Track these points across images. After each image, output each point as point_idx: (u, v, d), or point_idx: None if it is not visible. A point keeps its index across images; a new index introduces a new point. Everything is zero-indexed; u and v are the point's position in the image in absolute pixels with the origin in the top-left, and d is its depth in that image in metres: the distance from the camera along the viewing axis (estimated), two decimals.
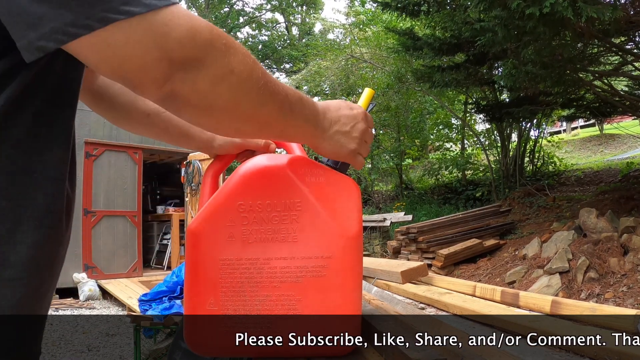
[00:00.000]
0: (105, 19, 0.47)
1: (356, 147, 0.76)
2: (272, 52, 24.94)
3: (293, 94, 0.66)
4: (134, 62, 0.50)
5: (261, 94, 0.59)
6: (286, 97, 0.64)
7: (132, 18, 0.48)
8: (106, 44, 0.48)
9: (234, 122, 0.62)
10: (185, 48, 0.51)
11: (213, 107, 0.57)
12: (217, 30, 0.54)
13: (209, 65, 0.53)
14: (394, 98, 11.48)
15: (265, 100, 0.60)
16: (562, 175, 10.96)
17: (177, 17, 0.50)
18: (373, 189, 13.23)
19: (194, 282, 0.77)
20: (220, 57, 0.54)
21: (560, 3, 4.08)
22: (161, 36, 0.49)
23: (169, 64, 0.50)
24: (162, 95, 0.54)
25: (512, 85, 6.13)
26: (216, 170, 0.88)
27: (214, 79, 0.54)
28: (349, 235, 0.77)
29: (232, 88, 0.56)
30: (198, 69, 0.52)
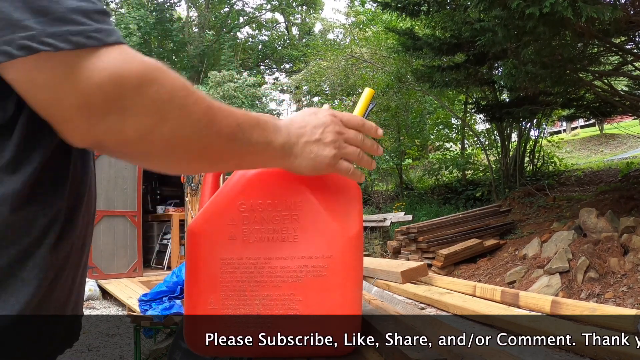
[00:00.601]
0: (26, 47, 0.44)
1: (336, 153, 0.69)
2: (272, 52, 24.94)
3: (247, 121, 0.60)
4: (54, 107, 0.46)
5: (203, 134, 0.55)
6: (238, 127, 0.59)
7: (55, 53, 0.44)
8: (27, 79, 0.45)
9: (177, 165, 0.58)
10: (107, 94, 0.46)
11: (148, 155, 0.53)
12: (154, 73, 0.49)
13: (136, 114, 0.48)
14: (394, 98, 11.49)
15: (210, 139, 0.56)
16: (562, 175, 10.96)
17: (102, 60, 0.46)
18: (373, 189, 13.23)
19: (194, 282, 0.77)
20: (149, 104, 0.49)
21: (560, 3, 4.08)
22: (81, 80, 0.45)
23: (89, 112, 0.47)
24: (88, 145, 0.50)
25: (512, 85, 6.13)
26: None
27: (142, 129, 0.49)
28: (349, 235, 0.77)
29: (165, 136, 0.51)
30: (123, 118, 0.48)
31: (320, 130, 0.69)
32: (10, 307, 0.50)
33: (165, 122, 0.50)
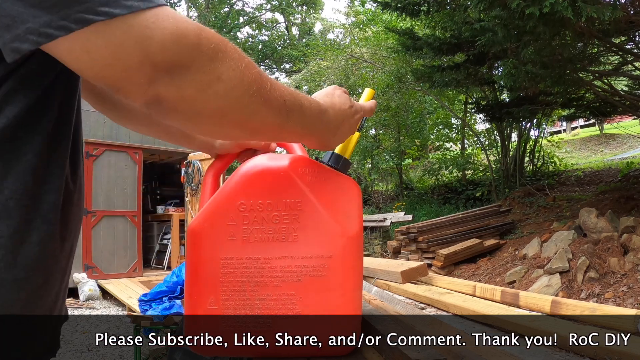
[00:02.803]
0: (83, 20, 0.45)
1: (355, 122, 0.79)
2: (272, 52, 24.94)
3: (292, 100, 0.62)
4: (115, 67, 0.47)
5: (253, 101, 0.56)
6: (283, 104, 0.61)
7: (112, 20, 0.45)
8: (85, 47, 0.46)
9: (223, 128, 0.59)
10: (169, 52, 0.48)
11: (200, 113, 0.54)
12: (207, 34, 0.51)
13: (195, 71, 0.50)
14: (394, 98, 11.49)
15: (257, 108, 0.57)
16: (562, 175, 10.96)
17: (161, 19, 0.48)
18: (373, 189, 13.23)
19: (194, 282, 0.77)
20: (207, 62, 0.51)
21: (560, 3, 4.08)
22: (143, 40, 0.47)
23: (152, 68, 0.48)
24: (147, 101, 0.51)
25: (512, 85, 6.13)
26: (217, 169, 0.88)
27: (200, 85, 0.51)
28: (349, 235, 0.77)
29: (219, 95, 0.53)
30: (183, 75, 0.50)
31: (356, 117, 0.78)
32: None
33: (220, 80, 0.52)
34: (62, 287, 0.63)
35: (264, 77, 0.58)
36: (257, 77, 0.56)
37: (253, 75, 0.56)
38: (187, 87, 0.51)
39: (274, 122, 0.61)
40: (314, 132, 0.70)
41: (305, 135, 0.70)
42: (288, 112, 0.62)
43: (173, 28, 0.48)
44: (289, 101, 0.61)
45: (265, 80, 0.58)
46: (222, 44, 0.53)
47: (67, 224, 0.60)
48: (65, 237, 0.60)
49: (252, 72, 0.56)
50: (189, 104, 0.53)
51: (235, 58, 0.54)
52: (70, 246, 0.63)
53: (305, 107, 0.65)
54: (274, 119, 0.60)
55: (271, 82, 0.59)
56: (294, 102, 0.63)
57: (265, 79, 0.58)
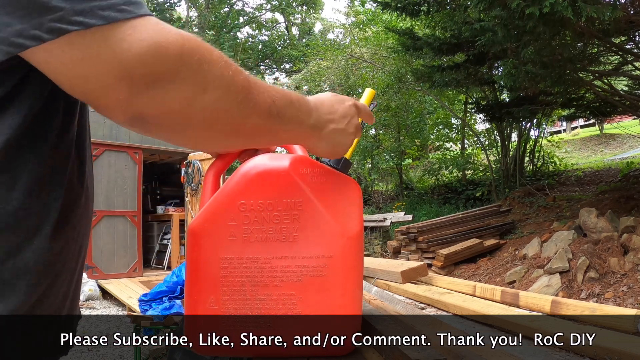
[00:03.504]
0: (56, 30, 0.43)
1: (351, 142, 0.76)
2: (272, 52, 24.93)
3: (281, 98, 0.61)
4: (92, 81, 0.45)
5: (242, 108, 0.54)
6: (273, 104, 0.59)
7: (86, 31, 0.43)
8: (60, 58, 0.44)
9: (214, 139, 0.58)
10: (149, 66, 0.46)
11: (187, 127, 0.53)
12: (191, 44, 0.49)
13: (179, 84, 0.48)
14: (394, 98, 11.49)
15: (248, 113, 0.56)
16: (562, 175, 10.96)
17: (139, 31, 0.45)
18: (373, 189, 13.22)
19: (194, 281, 0.77)
20: (190, 74, 0.48)
21: (560, 3, 4.08)
22: (120, 53, 0.45)
23: (131, 83, 0.46)
24: (128, 117, 0.49)
25: (512, 85, 6.13)
26: (218, 169, 0.88)
27: (184, 100, 0.49)
28: (349, 235, 0.77)
29: (206, 107, 0.51)
30: (166, 89, 0.48)
31: (346, 120, 0.74)
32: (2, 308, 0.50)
33: (206, 92, 0.50)
34: (72, 288, 0.63)
35: (252, 82, 0.56)
36: (245, 83, 0.55)
37: (240, 82, 0.54)
38: (171, 101, 0.48)
39: (266, 124, 0.60)
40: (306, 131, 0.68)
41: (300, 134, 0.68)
42: (279, 111, 0.60)
43: (152, 40, 0.46)
44: (278, 100, 0.60)
45: (254, 85, 0.56)
46: (207, 54, 0.50)
47: (75, 226, 0.60)
48: (74, 237, 0.60)
49: (240, 80, 0.54)
50: (174, 119, 0.50)
51: (222, 67, 0.52)
52: (78, 247, 0.62)
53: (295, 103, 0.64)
54: (266, 121, 0.59)
55: (259, 86, 0.57)
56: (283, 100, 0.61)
57: (253, 84, 0.56)
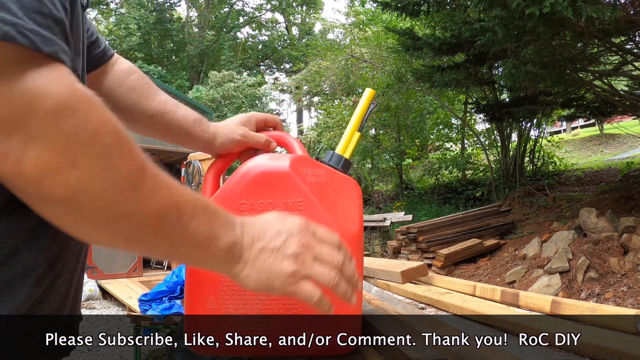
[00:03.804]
0: None
1: (296, 270, 0.54)
2: (272, 52, 24.95)
3: (191, 202, 0.49)
4: None
5: (122, 199, 0.44)
6: (174, 207, 0.48)
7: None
8: None
9: (82, 227, 0.46)
10: (15, 108, 0.40)
11: (47, 202, 0.44)
12: (77, 106, 0.41)
13: (41, 146, 0.40)
14: (394, 98, 11.49)
15: (130, 209, 0.45)
16: (562, 175, 10.97)
17: (29, 66, 0.40)
18: (373, 189, 13.23)
19: (194, 281, 0.77)
20: (60, 139, 0.41)
21: (560, 3, 4.08)
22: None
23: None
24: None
25: (512, 85, 6.13)
26: (218, 169, 0.88)
27: (44, 167, 0.41)
28: (349, 234, 0.77)
29: (70, 185, 0.42)
30: (26, 146, 0.40)
31: (283, 237, 0.55)
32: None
33: (75, 167, 0.41)
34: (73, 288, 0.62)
35: (149, 173, 0.46)
36: (135, 171, 0.45)
37: (128, 168, 0.44)
38: (28, 162, 0.40)
39: (158, 229, 0.47)
40: (221, 250, 0.52)
41: (212, 255, 0.53)
42: (180, 218, 0.48)
43: (33, 82, 0.40)
44: (184, 204, 0.49)
45: (150, 177, 0.46)
46: (93, 124, 0.42)
47: None
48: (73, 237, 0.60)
49: (128, 165, 0.44)
50: (30, 186, 0.42)
51: (107, 143, 0.42)
52: (78, 247, 0.62)
53: (210, 213, 0.51)
54: (157, 226, 0.47)
55: (159, 180, 0.47)
56: (195, 206, 0.50)
57: (150, 175, 0.46)
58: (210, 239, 0.51)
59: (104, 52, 0.81)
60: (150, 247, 0.50)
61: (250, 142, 0.86)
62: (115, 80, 0.83)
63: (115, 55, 0.85)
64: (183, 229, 0.49)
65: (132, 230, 0.47)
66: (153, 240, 0.48)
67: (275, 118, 0.91)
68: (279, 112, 24.47)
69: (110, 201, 0.44)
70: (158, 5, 22.12)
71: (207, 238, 0.51)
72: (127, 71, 0.84)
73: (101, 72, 0.82)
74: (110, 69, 0.83)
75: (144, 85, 0.84)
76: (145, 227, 0.47)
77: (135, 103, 0.83)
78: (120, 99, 0.83)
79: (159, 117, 0.83)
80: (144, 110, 0.83)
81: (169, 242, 0.49)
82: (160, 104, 0.84)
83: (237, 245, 0.53)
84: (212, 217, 0.52)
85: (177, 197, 0.48)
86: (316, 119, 19.01)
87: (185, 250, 0.51)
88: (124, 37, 20.38)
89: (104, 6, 22.08)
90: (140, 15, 20.49)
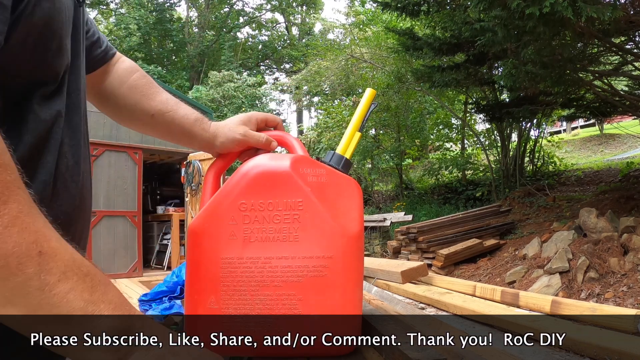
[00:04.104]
0: None
1: None
2: (272, 52, 24.95)
3: (64, 257, 0.41)
4: None
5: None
6: (37, 255, 0.39)
7: None
8: None
9: None
10: None
11: None
12: None
13: None
14: (394, 98, 11.49)
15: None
16: (562, 175, 10.97)
17: None
18: (373, 189, 13.23)
19: (195, 281, 0.77)
20: None
21: (560, 3, 4.08)
22: None
23: None
24: None
25: (512, 85, 6.13)
26: (218, 169, 0.88)
27: None
28: (350, 235, 0.77)
29: None
30: None
31: None
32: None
33: None
34: None
35: (15, 202, 0.38)
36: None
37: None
38: None
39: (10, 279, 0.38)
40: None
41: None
42: (43, 269, 0.39)
43: None
44: (54, 257, 0.40)
45: (13, 208, 0.38)
46: None
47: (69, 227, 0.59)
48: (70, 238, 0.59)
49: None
50: None
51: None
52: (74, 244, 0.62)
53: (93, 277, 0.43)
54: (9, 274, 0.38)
55: (21, 216, 0.39)
56: (72, 266, 0.41)
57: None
58: (86, 315, 0.41)
59: (105, 51, 0.81)
60: (0, 304, 0.39)
61: (250, 142, 0.86)
62: (116, 80, 0.83)
63: (117, 54, 0.85)
64: (44, 291, 0.38)
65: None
66: (2, 295, 0.38)
67: (276, 118, 0.91)
68: (279, 112, 24.49)
69: None
70: (158, 6, 22.12)
71: (81, 310, 0.40)
72: (128, 70, 0.84)
73: (103, 72, 0.82)
74: (112, 69, 0.83)
75: (145, 84, 0.84)
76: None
77: (136, 102, 0.83)
78: (121, 98, 0.83)
79: (160, 116, 0.83)
80: (144, 110, 0.83)
81: (25, 304, 0.38)
82: (161, 103, 0.84)
83: (125, 330, 0.43)
84: (93, 289, 0.41)
85: (44, 244, 0.39)
86: (316, 119, 19.03)
87: (47, 323, 0.40)
88: (124, 37, 20.39)
89: (104, 6, 22.09)
90: (140, 16, 20.50)
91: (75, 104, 0.63)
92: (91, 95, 0.83)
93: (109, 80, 0.82)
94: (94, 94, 0.83)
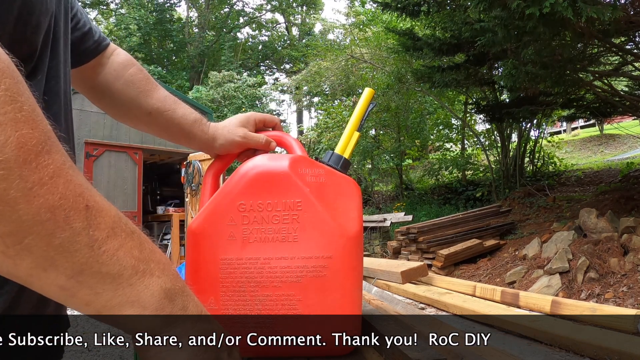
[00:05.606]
0: None
1: None
2: (272, 53, 24.96)
3: (113, 215, 0.38)
4: None
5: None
6: (85, 210, 0.35)
7: None
8: None
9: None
10: None
11: None
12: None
13: None
14: (394, 98, 11.50)
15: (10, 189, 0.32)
16: (562, 175, 10.97)
17: None
18: (373, 189, 13.23)
19: (194, 282, 0.77)
20: None
21: (560, 3, 4.08)
22: None
23: None
24: None
25: (512, 86, 6.13)
26: (217, 169, 0.88)
27: None
28: (349, 235, 0.77)
29: None
30: None
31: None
32: None
33: None
34: None
35: (55, 153, 0.35)
36: (35, 142, 0.33)
37: (21, 136, 0.32)
38: None
39: (39, 239, 0.34)
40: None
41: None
42: (92, 225, 0.36)
43: None
44: (106, 219, 0.37)
45: (55, 160, 0.34)
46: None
47: None
48: None
49: (24, 133, 0.32)
50: None
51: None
52: None
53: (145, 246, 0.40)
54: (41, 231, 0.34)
55: (64, 169, 0.35)
56: (124, 229, 0.39)
57: (55, 156, 0.34)
58: (137, 273, 0.38)
59: (98, 42, 0.78)
60: (41, 267, 0.34)
61: (250, 144, 0.86)
62: (112, 73, 0.80)
63: (111, 45, 0.81)
64: (93, 248, 0.35)
65: (14, 227, 0.32)
66: (46, 255, 0.34)
67: (274, 118, 0.91)
68: (279, 113, 24.51)
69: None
70: (158, 6, 22.13)
71: (132, 269, 0.37)
72: (124, 64, 0.81)
73: (97, 64, 0.79)
74: (107, 61, 0.80)
75: (142, 79, 0.81)
76: (35, 226, 0.33)
77: (133, 99, 0.80)
78: (117, 94, 0.80)
79: (157, 115, 0.81)
80: (141, 107, 0.81)
81: (70, 263, 0.35)
82: (159, 101, 0.81)
83: (176, 293, 0.40)
84: (142, 247, 0.39)
85: (89, 199, 0.36)
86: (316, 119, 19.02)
87: (94, 284, 0.36)
88: (124, 37, 20.39)
89: (104, 6, 22.10)
90: (140, 16, 20.51)
91: (55, 91, 0.59)
92: (86, 89, 0.81)
93: (104, 73, 0.79)
94: (88, 88, 0.80)
